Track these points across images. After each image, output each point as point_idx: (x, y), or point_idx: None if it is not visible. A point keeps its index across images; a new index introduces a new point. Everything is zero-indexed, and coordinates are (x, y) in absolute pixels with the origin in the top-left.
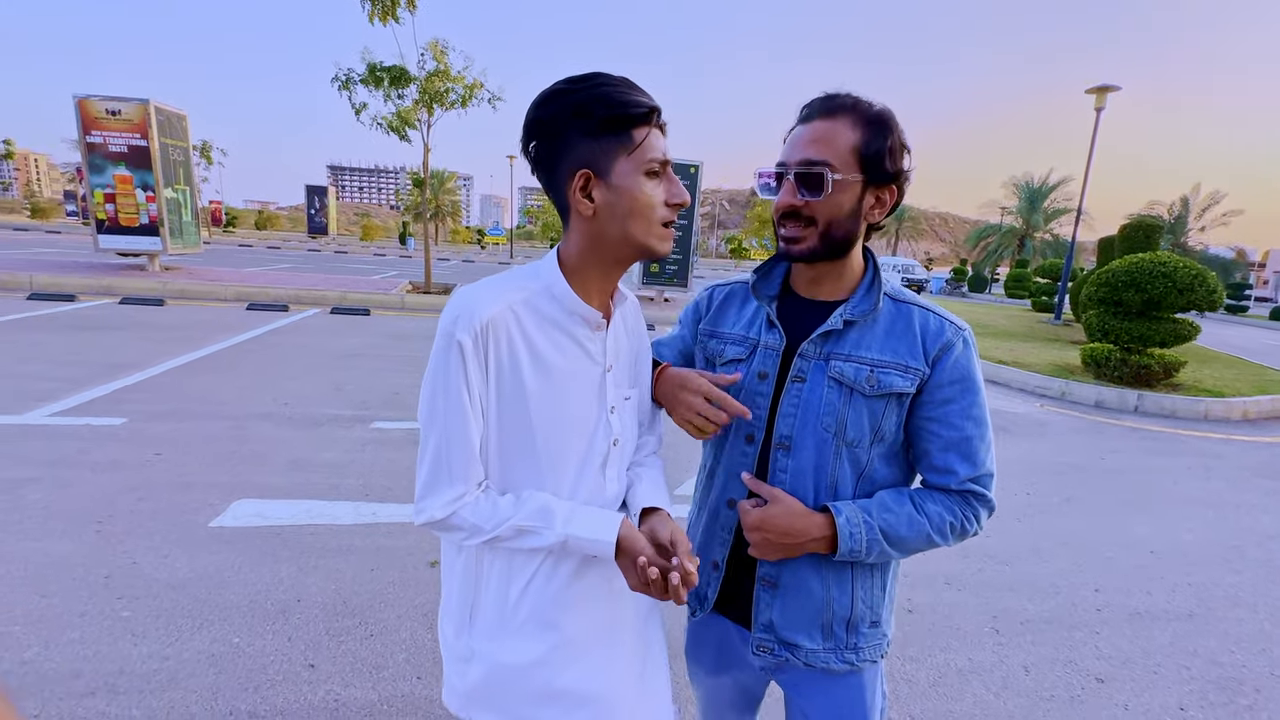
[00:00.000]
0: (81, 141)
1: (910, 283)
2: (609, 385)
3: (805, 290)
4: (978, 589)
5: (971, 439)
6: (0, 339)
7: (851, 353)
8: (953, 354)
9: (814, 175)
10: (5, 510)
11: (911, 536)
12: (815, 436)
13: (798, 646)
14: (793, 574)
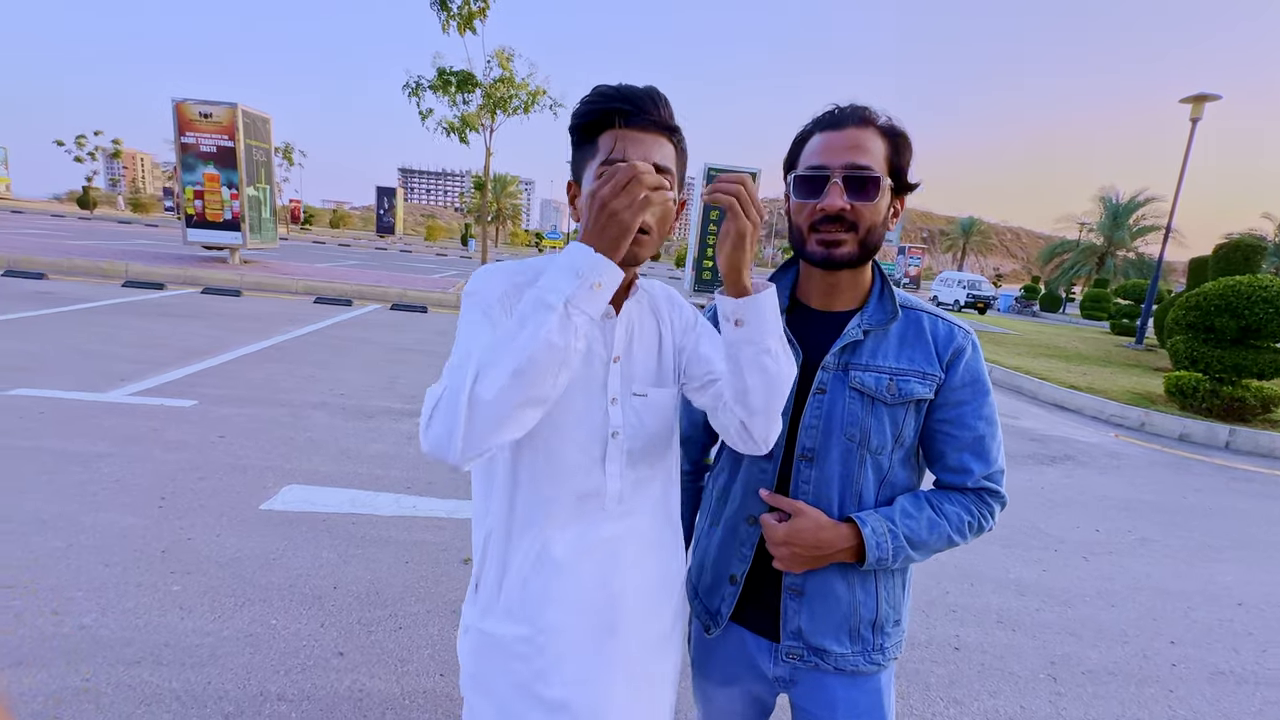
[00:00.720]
0: (177, 142)
1: (976, 299)
2: (612, 375)
3: (819, 302)
4: (1034, 630)
5: (984, 438)
6: (95, 322)
7: (870, 362)
8: (964, 358)
9: (867, 180)
10: (82, 482)
11: (933, 539)
12: (840, 447)
13: (827, 652)
14: (819, 581)
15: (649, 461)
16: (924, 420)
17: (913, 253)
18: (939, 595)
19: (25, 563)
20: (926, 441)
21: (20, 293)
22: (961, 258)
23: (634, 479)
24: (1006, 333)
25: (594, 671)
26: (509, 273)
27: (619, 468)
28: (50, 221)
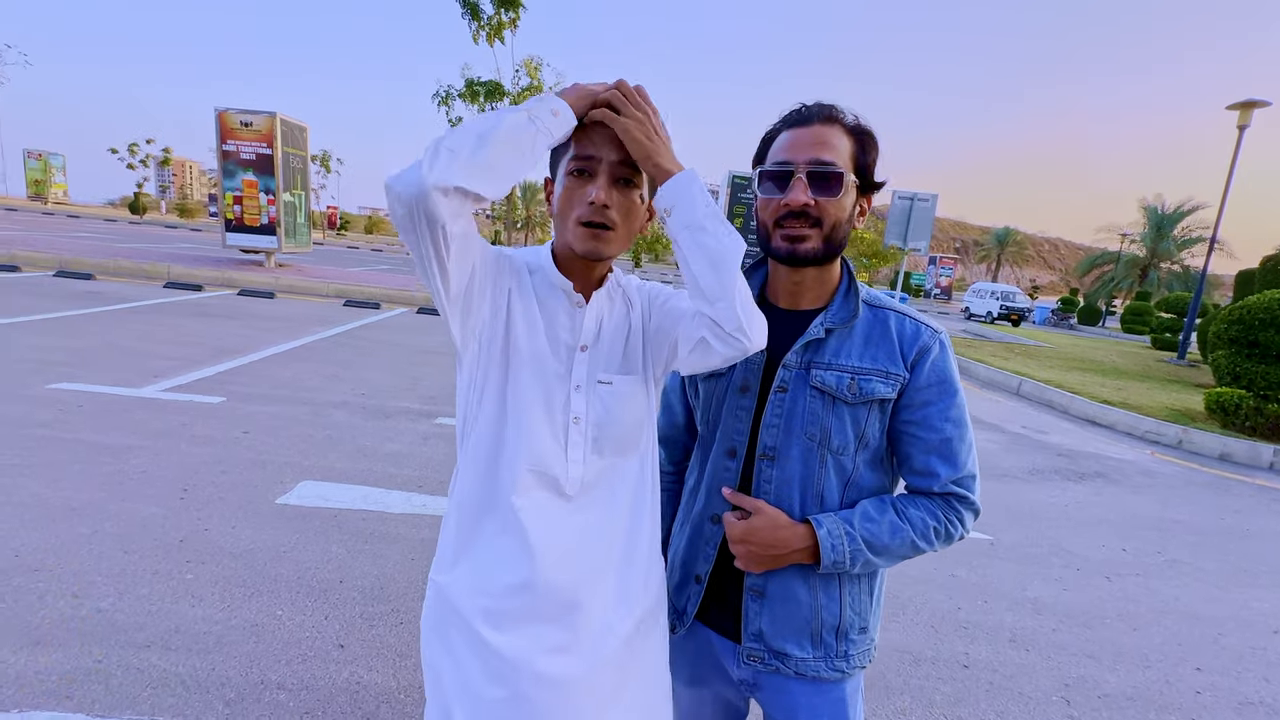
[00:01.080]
0: (219, 149)
1: (1010, 311)
2: (578, 363)
3: (785, 301)
4: (1049, 651)
5: (951, 440)
6: (136, 320)
7: (832, 361)
8: (929, 357)
9: (831, 175)
10: (110, 473)
11: (895, 544)
12: (800, 446)
13: (787, 655)
14: (780, 583)
15: (617, 450)
16: (890, 422)
17: (944, 263)
18: (949, 611)
19: (53, 547)
20: (894, 444)
21: (69, 292)
22: (996, 269)
23: (600, 466)
24: (1040, 345)
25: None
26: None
27: (581, 453)
28: (103, 225)
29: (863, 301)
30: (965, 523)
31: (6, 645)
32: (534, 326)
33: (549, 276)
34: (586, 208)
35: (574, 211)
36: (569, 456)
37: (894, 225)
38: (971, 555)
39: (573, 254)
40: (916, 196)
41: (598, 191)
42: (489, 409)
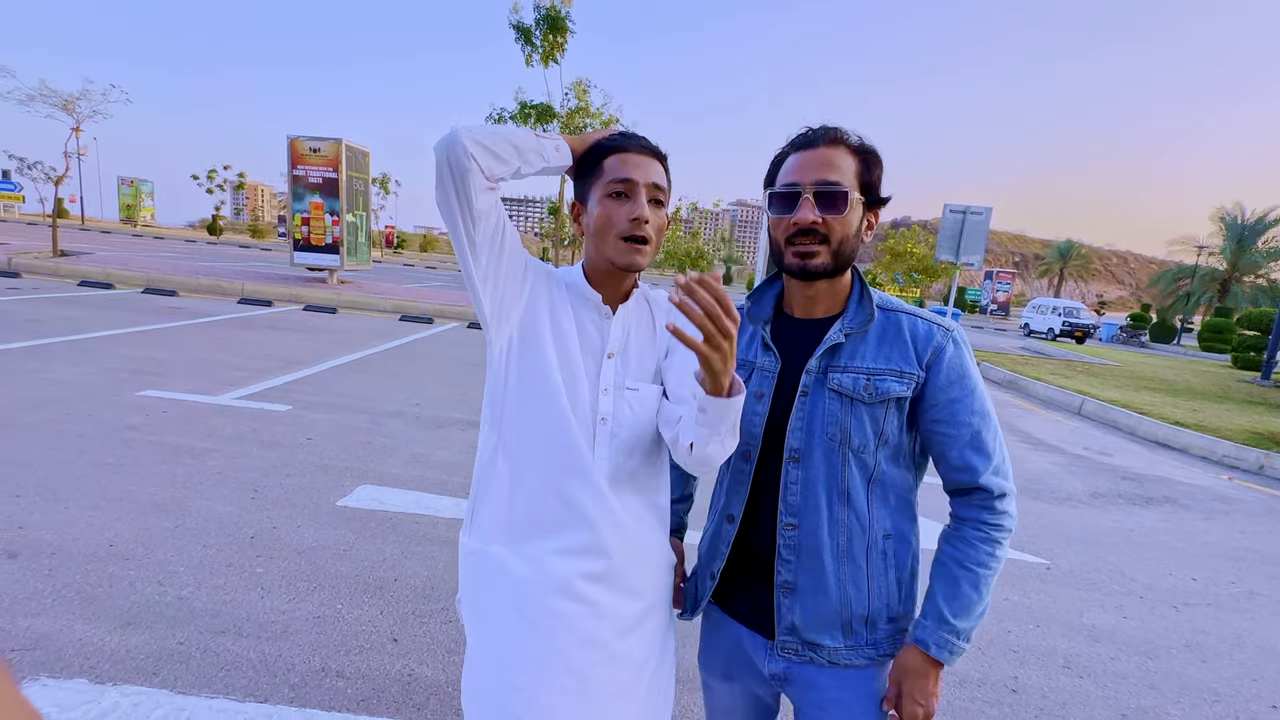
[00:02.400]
0: (289, 174)
1: (1073, 328)
2: (606, 369)
3: (800, 310)
4: (1106, 680)
5: (980, 432)
6: (213, 333)
7: (848, 364)
8: (945, 356)
9: (836, 194)
10: (191, 473)
11: (985, 590)
12: (822, 447)
13: (820, 646)
14: (810, 577)
15: (639, 453)
16: (919, 422)
17: (1001, 278)
18: (999, 634)
19: (140, 539)
20: (927, 444)
21: (156, 308)
22: (1058, 284)
23: (627, 469)
24: (1105, 364)
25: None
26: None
27: (607, 451)
28: (184, 246)
29: (876, 306)
30: (1009, 515)
31: (104, 626)
32: (567, 330)
33: (581, 291)
34: (628, 224)
35: (615, 229)
36: (596, 454)
37: (946, 239)
38: (1025, 579)
39: (610, 268)
40: (970, 209)
41: (640, 210)
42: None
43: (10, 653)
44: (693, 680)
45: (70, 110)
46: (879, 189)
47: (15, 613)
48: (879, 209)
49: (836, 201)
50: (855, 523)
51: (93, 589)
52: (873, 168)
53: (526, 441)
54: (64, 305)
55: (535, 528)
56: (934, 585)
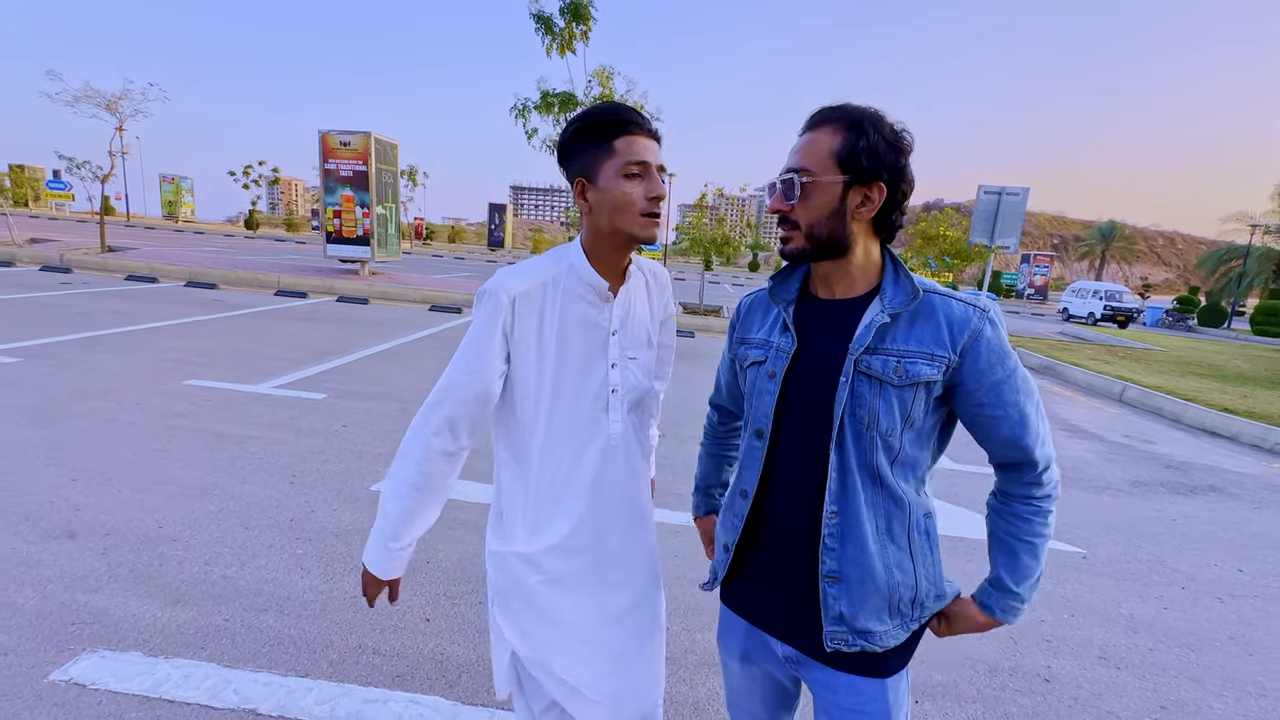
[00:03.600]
0: (321, 168)
1: (1115, 312)
2: (612, 345)
3: (822, 291)
4: (1144, 671)
5: (1026, 409)
6: (251, 325)
7: (878, 345)
8: (983, 338)
9: (790, 182)
10: (233, 459)
11: (1043, 556)
12: (852, 429)
13: (871, 632)
14: (856, 565)
15: (640, 409)
16: (962, 406)
17: (1039, 261)
18: (1032, 623)
19: (187, 521)
20: (972, 428)
21: (198, 300)
22: (1100, 266)
23: (632, 423)
24: (1149, 349)
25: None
26: (524, 274)
27: (620, 415)
28: (223, 240)
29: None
30: (1056, 481)
31: (155, 602)
32: (568, 329)
33: (581, 275)
34: (647, 202)
35: (637, 206)
36: (610, 418)
37: (980, 222)
38: (1060, 568)
39: (625, 243)
40: (1005, 190)
41: (659, 188)
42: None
43: (71, 626)
44: (717, 664)
45: (113, 110)
46: (863, 159)
47: (75, 589)
48: (875, 182)
49: (791, 189)
50: (893, 505)
51: (144, 567)
52: (855, 139)
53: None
54: (112, 299)
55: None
56: (995, 556)
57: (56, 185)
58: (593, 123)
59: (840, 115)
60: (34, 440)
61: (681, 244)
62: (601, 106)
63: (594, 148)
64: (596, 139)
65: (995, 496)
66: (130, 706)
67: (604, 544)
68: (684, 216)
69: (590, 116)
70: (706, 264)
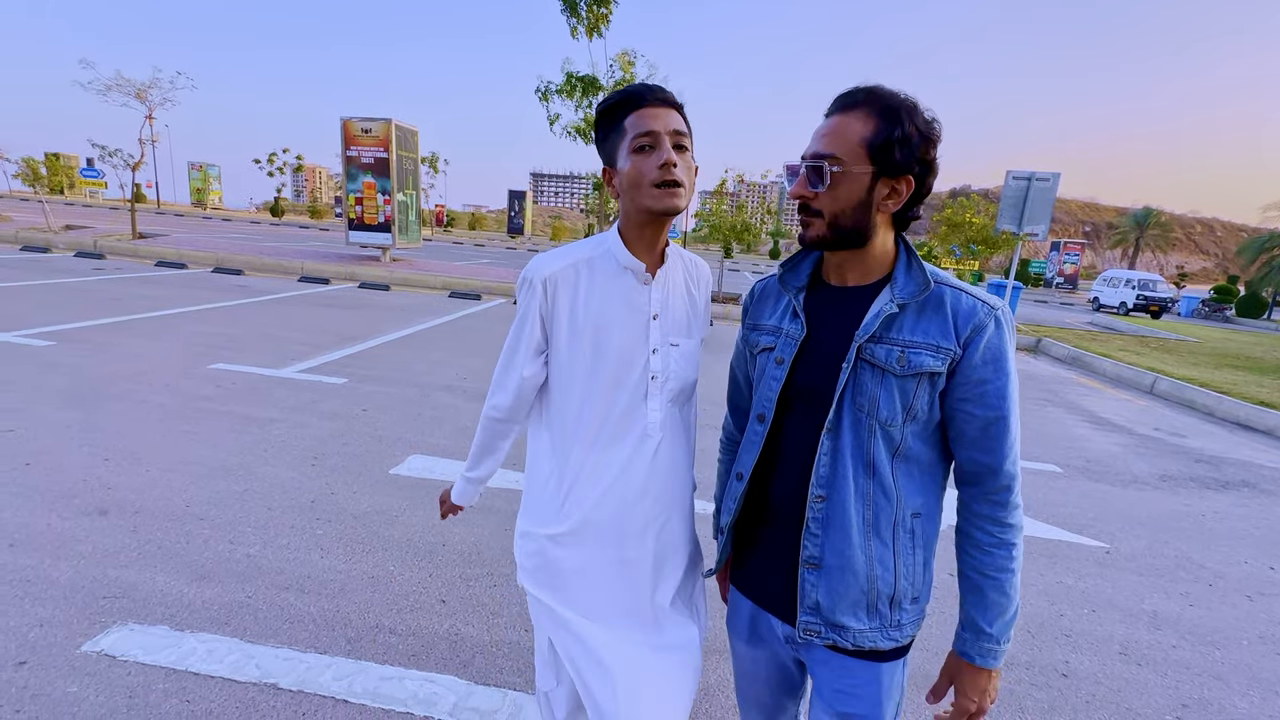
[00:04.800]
0: (343, 155)
1: (1149, 302)
2: (653, 330)
3: (834, 278)
4: (1166, 668)
5: (1006, 417)
6: (276, 310)
7: (882, 335)
8: (985, 335)
9: (818, 168)
10: (257, 441)
11: (1013, 591)
12: (850, 416)
13: (845, 628)
14: (837, 553)
15: (681, 399)
16: (945, 399)
17: (1069, 249)
18: (1051, 617)
19: (214, 500)
20: (948, 422)
21: (225, 286)
22: (1134, 254)
23: (672, 414)
24: (1183, 339)
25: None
26: (559, 256)
27: (659, 403)
28: (250, 227)
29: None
30: (1020, 506)
31: (182, 579)
32: (606, 307)
33: (618, 259)
34: (658, 172)
35: (648, 178)
36: (649, 405)
37: (1008, 208)
38: (1082, 562)
39: (649, 218)
40: (1035, 176)
41: (666, 155)
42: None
43: (102, 599)
44: (727, 651)
45: (143, 98)
46: (896, 152)
47: (106, 564)
48: (904, 175)
49: (820, 176)
50: (882, 498)
51: (172, 545)
52: (889, 129)
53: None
54: (143, 284)
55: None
56: (964, 596)
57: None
58: (605, 109)
59: (874, 100)
60: (69, 421)
61: (701, 231)
62: (614, 93)
63: (612, 133)
64: (612, 123)
65: (960, 530)
66: (157, 678)
67: (637, 535)
68: (704, 203)
69: (604, 104)
70: (726, 251)
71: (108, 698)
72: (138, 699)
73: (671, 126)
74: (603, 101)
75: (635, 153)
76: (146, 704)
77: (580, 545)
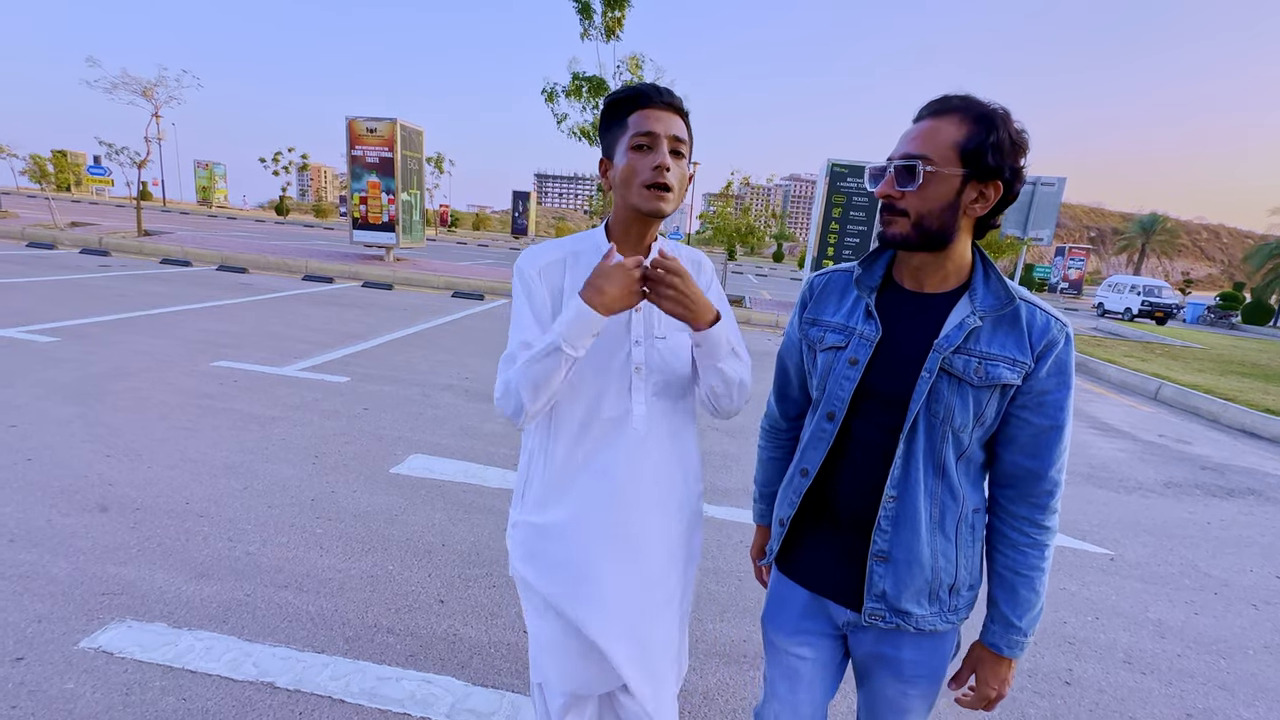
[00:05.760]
0: (348, 154)
1: (1155, 308)
2: (635, 322)
3: (909, 282)
4: (1171, 677)
5: (1063, 428)
6: (280, 309)
7: (963, 345)
8: (1055, 349)
9: (909, 168)
10: (258, 440)
11: (1041, 589)
12: (926, 422)
13: (909, 614)
14: (905, 549)
15: (672, 395)
16: (1007, 405)
17: (1075, 254)
18: (1054, 624)
19: (214, 498)
20: (1002, 425)
21: (229, 284)
22: (1139, 260)
23: (660, 408)
24: (1188, 346)
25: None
26: (548, 250)
27: (644, 396)
28: (254, 225)
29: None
30: (1058, 512)
31: (181, 576)
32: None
33: (601, 249)
34: (650, 173)
35: (639, 178)
36: (633, 398)
37: (1012, 213)
38: (1085, 569)
39: (636, 216)
40: (1040, 180)
41: (661, 159)
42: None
43: (101, 596)
44: (729, 654)
45: (149, 96)
46: (989, 156)
47: (106, 561)
48: (994, 180)
49: (911, 176)
50: (949, 497)
51: (171, 542)
52: (982, 134)
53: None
54: (147, 281)
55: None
56: (994, 592)
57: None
58: (612, 102)
59: (967, 106)
60: (71, 416)
61: (705, 233)
62: (622, 89)
63: (615, 126)
64: (616, 117)
65: (994, 528)
66: (154, 675)
67: (621, 525)
68: (709, 204)
69: (611, 97)
70: (730, 253)
71: (104, 695)
72: (134, 696)
73: (672, 131)
74: (611, 94)
75: (633, 150)
76: (143, 701)
77: (565, 537)
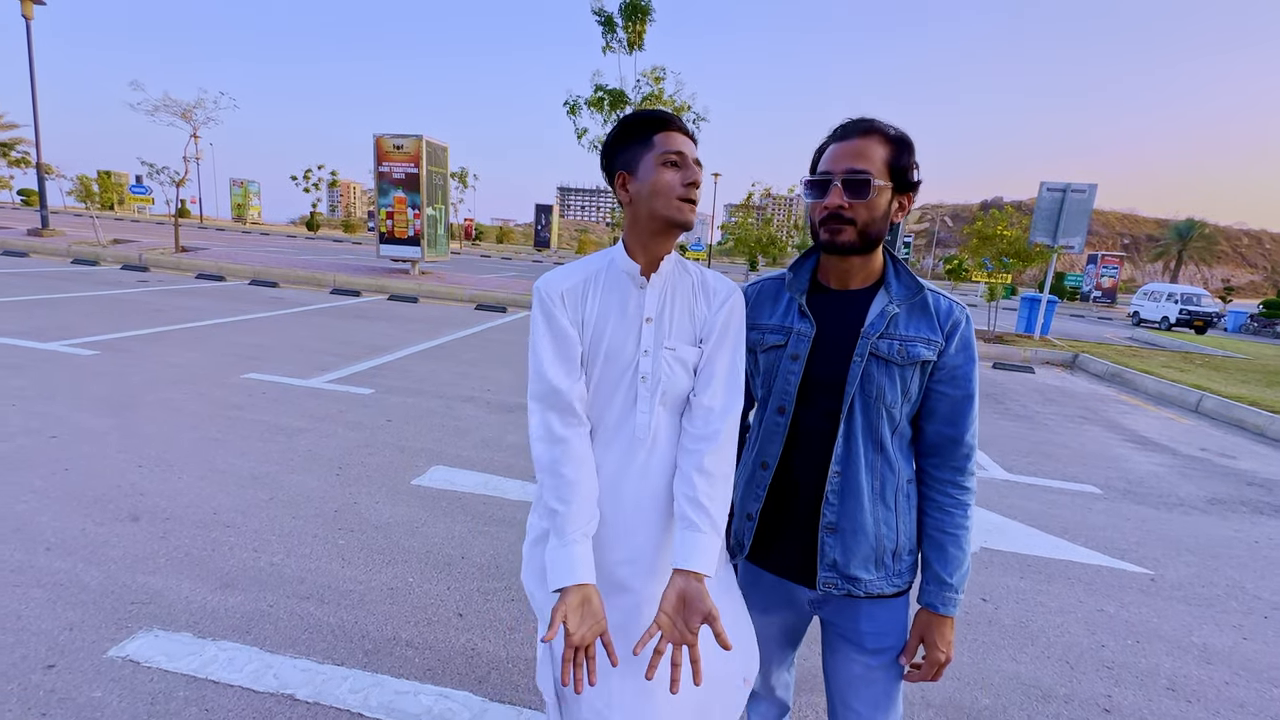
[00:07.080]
0: (375, 170)
1: (1194, 316)
2: (646, 332)
3: (835, 282)
4: (1219, 706)
5: (973, 396)
6: (307, 322)
7: (886, 330)
8: (960, 328)
9: (860, 182)
10: (283, 450)
11: (967, 546)
12: (862, 402)
13: (858, 579)
14: (851, 519)
15: (677, 405)
16: (926, 382)
17: (1107, 261)
18: (1091, 648)
19: (240, 508)
20: (925, 400)
21: (260, 298)
22: (1176, 268)
23: (664, 418)
24: (1230, 356)
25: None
26: (569, 273)
27: (649, 405)
28: (286, 241)
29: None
30: (974, 472)
31: (206, 585)
32: (606, 313)
33: (620, 265)
34: (684, 188)
35: (675, 191)
36: (638, 408)
37: (1041, 220)
38: (1124, 590)
39: (663, 228)
40: (1070, 187)
41: (695, 175)
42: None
43: (130, 605)
44: None
45: (188, 118)
46: (909, 174)
47: (136, 570)
48: (911, 193)
49: (861, 188)
50: (888, 469)
51: (199, 552)
52: (904, 154)
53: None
54: (183, 296)
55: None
56: (927, 553)
57: (138, 190)
58: (634, 122)
59: (885, 129)
60: (106, 428)
61: (726, 244)
62: (642, 111)
63: (636, 144)
64: (638, 136)
65: (923, 494)
66: (179, 685)
67: (623, 539)
68: (730, 215)
69: (632, 118)
70: (752, 264)
71: (130, 704)
72: (158, 706)
73: (694, 154)
74: (633, 114)
75: (664, 165)
76: (167, 711)
77: None
